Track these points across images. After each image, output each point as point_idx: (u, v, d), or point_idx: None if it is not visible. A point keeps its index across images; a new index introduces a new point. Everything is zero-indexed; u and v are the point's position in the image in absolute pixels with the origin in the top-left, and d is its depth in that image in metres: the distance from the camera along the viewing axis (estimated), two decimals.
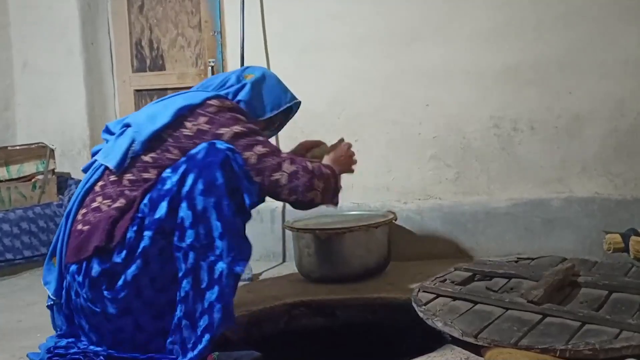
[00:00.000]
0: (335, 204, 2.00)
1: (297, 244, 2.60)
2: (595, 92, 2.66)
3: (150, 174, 1.72)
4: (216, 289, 1.60)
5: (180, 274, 1.62)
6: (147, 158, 1.75)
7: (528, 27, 2.71)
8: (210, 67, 3.18)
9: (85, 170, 1.91)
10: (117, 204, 1.70)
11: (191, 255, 1.60)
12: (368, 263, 2.52)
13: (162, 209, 1.62)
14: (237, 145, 1.74)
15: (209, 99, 1.82)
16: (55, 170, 3.30)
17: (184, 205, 1.60)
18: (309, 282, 2.55)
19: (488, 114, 2.79)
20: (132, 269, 1.63)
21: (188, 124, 1.76)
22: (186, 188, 1.61)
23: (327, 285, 2.44)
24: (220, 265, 1.60)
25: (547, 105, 2.72)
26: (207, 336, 1.60)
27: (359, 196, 2.92)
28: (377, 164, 2.92)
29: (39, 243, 3.08)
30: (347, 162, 2.11)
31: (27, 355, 1.83)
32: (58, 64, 3.47)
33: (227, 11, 3.13)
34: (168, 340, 1.66)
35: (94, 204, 1.74)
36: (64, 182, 3.38)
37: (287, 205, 2.97)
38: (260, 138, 1.82)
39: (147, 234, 1.62)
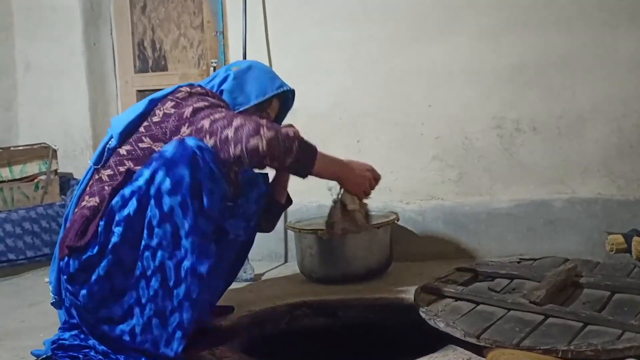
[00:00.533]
0: (294, 171, 1.78)
1: (299, 245, 2.60)
2: (598, 92, 2.66)
3: (126, 167, 1.74)
4: (183, 287, 1.60)
5: (149, 272, 1.62)
6: (123, 151, 1.77)
7: (530, 27, 2.71)
8: (212, 68, 3.18)
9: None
10: (91, 203, 1.72)
11: (159, 253, 1.61)
12: (370, 263, 2.52)
13: (132, 205, 1.62)
14: (196, 118, 1.69)
15: (181, 86, 1.82)
16: (58, 171, 3.31)
17: (152, 203, 1.60)
18: (311, 282, 2.56)
19: (490, 114, 2.78)
20: (104, 264, 1.64)
21: (157, 111, 1.78)
22: (155, 186, 1.60)
23: (329, 286, 2.44)
24: (185, 264, 1.60)
25: (550, 106, 2.72)
26: (178, 333, 1.62)
27: None
28: (379, 164, 2.88)
29: (41, 243, 3.09)
30: (361, 180, 1.96)
31: (32, 352, 1.83)
32: (61, 64, 3.48)
33: (230, 12, 3.13)
34: (137, 340, 1.65)
35: (83, 203, 1.76)
36: (66, 182, 3.39)
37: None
38: (221, 109, 1.73)
39: (117, 230, 1.62)
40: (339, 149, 2.93)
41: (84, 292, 1.67)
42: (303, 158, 1.73)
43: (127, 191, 1.64)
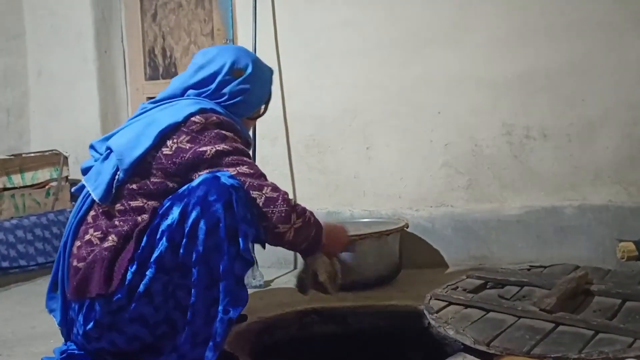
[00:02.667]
0: (306, 253, 1.83)
1: None
2: (608, 99, 2.65)
3: (139, 202, 1.68)
4: (212, 329, 1.59)
5: (178, 311, 1.62)
6: (133, 186, 1.68)
7: (540, 34, 2.71)
8: None
9: (77, 192, 1.85)
10: (109, 243, 1.65)
11: (193, 292, 1.58)
12: (380, 270, 2.52)
13: (162, 245, 1.58)
14: (219, 163, 1.65)
15: (193, 114, 1.70)
16: (69, 177, 3.32)
17: (185, 242, 1.57)
18: None
19: (500, 121, 2.78)
20: (135, 306, 1.60)
21: (169, 142, 1.68)
22: (188, 226, 1.57)
23: (338, 293, 2.43)
24: (217, 308, 1.58)
25: (560, 113, 2.71)
26: None
27: (370, 203, 2.93)
28: (389, 171, 2.92)
29: (52, 249, 3.10)
30: (338, 238, 1.94)
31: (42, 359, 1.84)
32: (72, 72, 3.51)
33: (240, 19, 3.15)
34: None
35: (87, 237, 1.70)
36: None
37: None
38: (246, 159, 1.70)
39: (149, 273, 1.59)
40: (349, 155, 2.96)
41: (116, 337, 1.64)
42: (315, 237, 1.79)
43: (153, 231, 1.60)
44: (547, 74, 2.71)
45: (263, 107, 1.99)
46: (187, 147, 1.67)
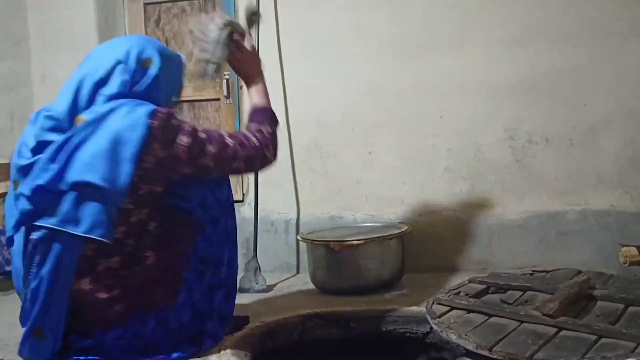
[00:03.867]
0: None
1: (311, 256, 2.60)
2: (611, 103, 2.66)
3: (136, 217, 1.75)
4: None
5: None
6: (129, 205, 1.71)
7: (542, 39, 2.72)
8: (225, 80, 3.20)
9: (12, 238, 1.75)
10: (149, 260, 1.78)
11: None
12: (382, 275, 2.52)
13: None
14: (195, 156, 1.74)
15: (151, 121, 1.68)
16: None
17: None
18: (323, 293, 2.56)
19: (502, 126, 2.78)
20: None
21: (145, 157, 1.68)
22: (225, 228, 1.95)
23: (341, 297, 2.44)
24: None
25: (562, 117, 2.71)
26: None
27: (373, 208, 2.93)
28: (392, 175, 2.93)
29: None
30: (252, 59, 2.06)
31: None
32: None
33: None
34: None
35: (100, 267, 1.73)
36: None
37: (302, 217, 2.99)
38: (201, 135, 1.76)
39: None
40: (352, 159, 2.97)
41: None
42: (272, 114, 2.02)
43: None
44: (549, 79, 2.72)
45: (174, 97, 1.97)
46: (163, 155, 1.70)
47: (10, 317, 2.49)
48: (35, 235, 1.67)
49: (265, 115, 1.97)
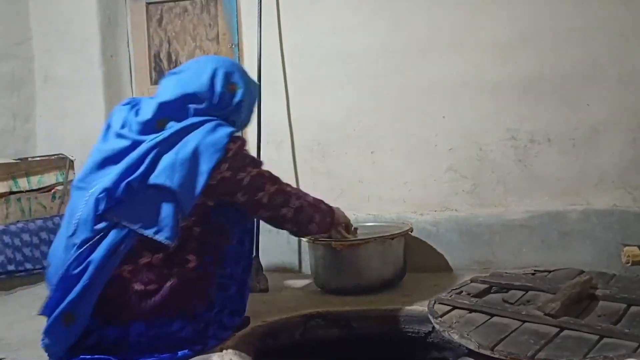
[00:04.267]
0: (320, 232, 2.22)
1: (313, 255, 2.61)
2: (613, 103, 2.65)
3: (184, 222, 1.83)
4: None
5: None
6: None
7: (545, 39, 2.71)
8: None
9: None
10: (191, 264, 1.83)
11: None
12: (384, 274, 2.52)
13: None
14: (253, 187, 1.91)
15: (229, 144, 1.84)
16: None
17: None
18: (325, 293, 2.56)
19: (504, 126, 2.78)
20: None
21: (214, 173, 1.83)
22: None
23: (342, 297, 2.44)
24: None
25: (564, 117, 2.71)
26: None
27: (375, 208, 2.93)
28: (393, 175, 2.93)
29: None
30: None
31: None
32: (78, 76, 3.52)
33: (245, 24, 3.17)
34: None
35: (143, 260, 1.79)
36: None
37: None
38: (266, 174, 1.96)
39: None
40: (353, 159, 2.97)
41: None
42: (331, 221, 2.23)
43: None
44: (551, 79, 2.71)
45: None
46: (229, 176, 1.86)
47: (10, 317, 2.50)
48: (99, 226, 1.75)
49: (321, 207, 2.16)
